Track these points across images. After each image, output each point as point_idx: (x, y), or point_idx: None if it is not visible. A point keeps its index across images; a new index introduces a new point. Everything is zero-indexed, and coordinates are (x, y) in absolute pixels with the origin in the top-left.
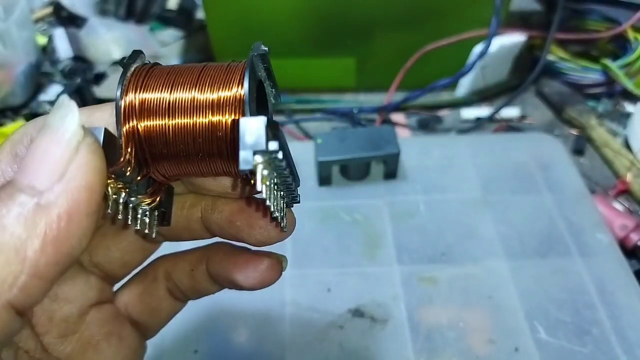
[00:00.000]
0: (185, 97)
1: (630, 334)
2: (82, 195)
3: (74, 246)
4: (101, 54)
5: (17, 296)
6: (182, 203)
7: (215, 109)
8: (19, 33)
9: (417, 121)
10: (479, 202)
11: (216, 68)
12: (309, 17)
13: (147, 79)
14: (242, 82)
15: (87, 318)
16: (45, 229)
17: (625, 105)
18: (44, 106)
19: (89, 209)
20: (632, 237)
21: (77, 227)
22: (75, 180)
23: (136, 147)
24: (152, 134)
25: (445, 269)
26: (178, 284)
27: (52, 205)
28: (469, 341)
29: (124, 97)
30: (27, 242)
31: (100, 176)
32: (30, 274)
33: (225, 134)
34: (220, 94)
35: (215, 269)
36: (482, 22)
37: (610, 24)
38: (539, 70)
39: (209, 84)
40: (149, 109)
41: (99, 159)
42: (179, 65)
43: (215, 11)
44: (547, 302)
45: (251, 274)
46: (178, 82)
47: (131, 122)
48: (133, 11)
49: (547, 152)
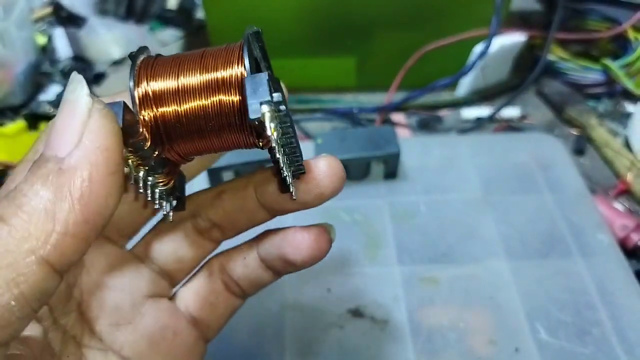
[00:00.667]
0: (192, 79)
1: (631, 334)
2: (99, 156)
3: (101, 205)
4: (101, 53)
5: (51, 253)
6: (235, 187)
7: (221, 85)
8: (18, 33)
9: (418, 121)
10: (479, 202)
11: (215, 50)
12: (309, 16)
13: (155, 68)
14: (241, 57)
15: (142, 310)
16: (70, 189)
17: (625, 105)
18: (44, 106)
19: (108, 168)
20: (633, 237)
21: (101, 186)
22: (91, 143)
23: (152, 128)
24: (166, 116)
25: (446, 270)
26: (232, 275)
27: (73, 168)
28: (470, 342)
29: (137, 87)
30: (55, 203)
31: (115, 138)
32: (62, 232)
33: (232, 105)
34: (224, 72)
35: (266, 249)
36: (482, 21)
37: (610, 24)
38: (540, 70)
39: (211, 64)
40: (160, 94)
41: (111, 121)
42: (179, 53)
43: (215, 11)
44: (548, 303)
45: (300, 244)
46: (183, 68)
47: (146, 108)
48: (133, 11)
49: (547, 152)
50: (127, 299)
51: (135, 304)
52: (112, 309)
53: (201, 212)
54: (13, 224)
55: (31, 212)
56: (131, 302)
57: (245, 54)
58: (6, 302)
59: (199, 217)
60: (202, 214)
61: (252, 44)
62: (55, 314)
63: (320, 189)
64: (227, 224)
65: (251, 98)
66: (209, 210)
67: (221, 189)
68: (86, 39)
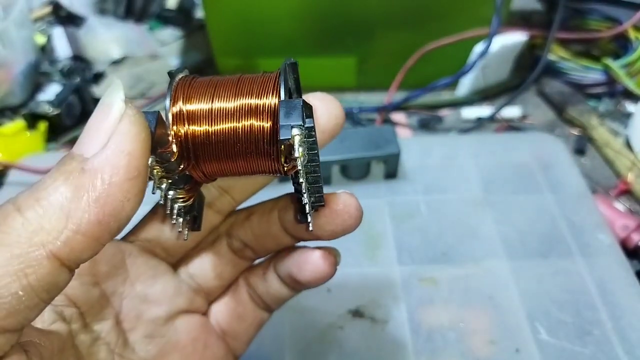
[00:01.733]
0: (227, 103)
1: (632, 334)
2: (121, 160)
3: (117, 208)
4: (100, 53)
5: (61, 249)
6: (263, 209)
7: (254, 111)
8: (17, 32)
9: (418, 121)
10: (479, 202)
11: (252, 77)
12: (309, 16)
13: (192, 88)
14: (277, 86)
15: (175, 323)
16: (88, 189)
17: (626, 105)
18: (43, 106)
19: (129, 173)
20: (634, 237)
21: (119, 190)
22: (116, 146)
23: (181, 144)
24: (197, 135)
25: (446, 270)
26: (255, 288)
27: (94, 169)
28: (470, 342)
29: (172, 104)
30: (72, 201)
31: (140, 144)
32: (74, 230)
33: (263, 132)
34: (258, 100)
35: (280, 267)
36: (482, 21)
37: (611, 24)
38: (540, 69)
39: (247, 91)
40: (194, 114)
41: (139, 128)
42: (216, 76)
43: (215, 10)
44: (548, 303)
45: (304, 265)
46: (219, 90)
47: (178, 124)
48: (132, 10)
49: (548, 152)
50: (163, 313)
51: (170, 318)
52: (149, 321)
53: (233, 232)
54: (28, 216)
55: (47, 206)
56: (167, 316)
57: (281, 83)
58: (14, 291)
59: (233, 236)
60: (234, 234)
61: (287, 75)
62: (87, 318)
63: (335, 227)
64: (256, 246)
65: (284, 120)
66: (240, 230)
67: (251, 210)
68: (85, 39)
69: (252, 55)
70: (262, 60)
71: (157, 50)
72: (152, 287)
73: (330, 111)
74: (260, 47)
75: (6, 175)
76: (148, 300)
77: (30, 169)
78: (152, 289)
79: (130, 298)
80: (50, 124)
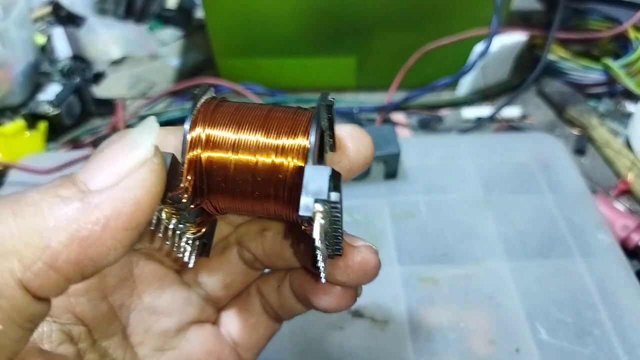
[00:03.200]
0: (251, 137)
1: (632, 334)
2: (127, 208)
3: (101, 254)
4: (100, 53)
5: (30, 279)
6: (279, 228)
7: (279, 153)
8: (17, 32)
9: (418, 121)
10: (479, 202)
11: (283, 112)
12: (308, 15)
13: (216, 114)
14: (307, 132)
15: (187, 334)
16: (78, 226)
17: (626, 105)
18: (43, 106)
19: (129, 224)
20: (633, 237)
21: (111, 237)
22: (126, 191)
23: (196, 177)
24: (214, 167)
25: (446, 270)
26: (268, 299)
27: (94, 206)
28: (470, 342)
29: (192, 130)
30: (55, 232)
31: (153, 197)
32: (47, 264)
33: (285, 178)
34: (285, 140)
35: (295, 287)
36: (483, 21)
37: (611, 24)
38: (540, 69)
39: (275, 127)
40: (214, 144)
41: (158, 181)
42: (246, 103)
43: (215, 10)
44: (548, 303)
45: (323, 296)
46: (245, 122)
47: (196, 153)
48: (132, 10)
49: (548, 152)
50: (173, 325)
51: (181, 329)
52: (159, 334)
53: (244, 243)
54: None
55: (25, 227)
56: (178, 327)
57: (312, 131)
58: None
59: (243, 247)
60: (245, 245)
61: (321, 116)
62: (95, 335)
63: (347, 280)
64: (266, 262)
65: (306, 192)
66: (251, 243)
67: (266, 225)
68: (85, 39)
69: (252, 55)
70: (262, 60)
71: (157, 50)
72: (161, 298)
73: (360, 149)
74: (260, 47)
75: (6, 175)
76: (157, 312)
77: (30, 169)
78: (161, 299)
79: (138, 310)
80: (50, 124)
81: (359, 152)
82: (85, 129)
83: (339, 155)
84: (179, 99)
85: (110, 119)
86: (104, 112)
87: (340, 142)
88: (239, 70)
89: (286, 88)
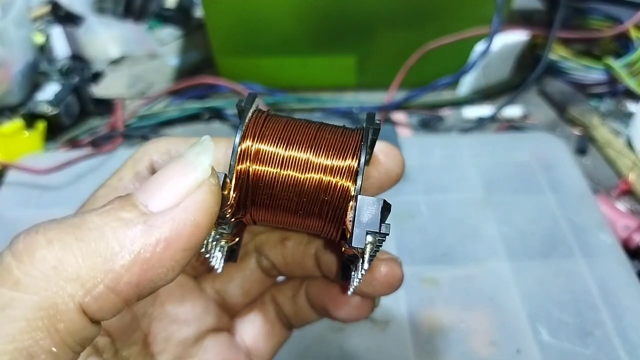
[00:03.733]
0: (300, 156)
1: (633, 335)
2: (187, 229)
3: (160, 275)
4: (99, 52)
5: (90, 303)
6: (300, 238)
7: (327, 173)
8: (16, 32)
9: (419, 120)
10: (480, 202)
11: (331, 132)
12: (308, 15)
13: (264, 129)
14: (355, 154)
15: (204, 343)
16: (140, 248)
17: (627, 104)
18: (42, 105)
19: (188, 244)
20: (635, 237)
21: (170, 258)
22: (187, 213)
23: (241, 192)
24: (260, 182)
25: (447, 270)
26: (282, 308)
27: (155, 228)
28: (471, 343)
29: (242, 143)
30: (118, 255)
31: (210, 218)
32: (109, 287)
33: (331, 198)
34: (334, 161)
35: (312, 296)
36: (483, 20)
37: (612, 23)
38: (541, 69)
39: (324, 148)
40: (263, 159)
41: (215, 201)
42: (293, 118)
43: (214, 9)
44: (550, 303)
45: (341, 306)
46: (294, 139)
47: (243, 167)
48: (131, 9)
49: (549, 151)
50: (193, 333)
51: (199, 338)
52: (179, 342)
53: (264, 251)
54: (62, 257)
55: (88, 252)
56: (196, 336)
57: (362, 156)
58: (48, 348)
59: (262, 255)
60: (264, 253)
61: (368, 138)
62: (117, 345)
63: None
64: (285, 270)
65: (359, 224)
66: (271, 251)
67: (287, 234)
68: (84, 38)
69: (251, 54)
70: (262, 59)
71: (156, 50)
72: (182, 307)
73: (393, 166)
74: (260, 46)
75: (5, 175)
76: (178, 320)
77: (28, 168)
78: (182, 308)
79: (159, 319)
80: (48, 123)
81: (392, 169)
82: (84, 129)
83: (372, 170)
84: (178, 98)
85: (109, 119)
86: (103, 112)
87: (374, 158)
88: (238, 70)
89: (286, 87)
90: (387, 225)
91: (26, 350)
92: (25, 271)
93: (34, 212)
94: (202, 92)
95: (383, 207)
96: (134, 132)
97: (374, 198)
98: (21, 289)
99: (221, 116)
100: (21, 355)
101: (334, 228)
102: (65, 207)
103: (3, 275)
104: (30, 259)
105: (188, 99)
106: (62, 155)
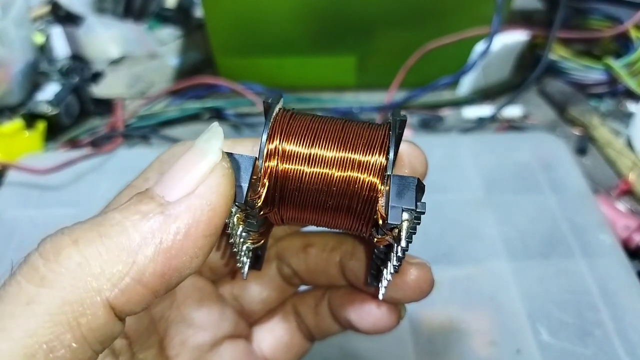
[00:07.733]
0: (327, 150)
1: (633, 335)
2: (204, 214)
3: (184, 263)
4: (99, 52)
5: (118, 297)
6: (324, 245)
7: (355, 168)
8: (16, 32)
9: (419, 120)
10: (480, 202)
11: (357, 127)
12: (308, 14)
13: (291, 126)
14: (383, 148)
15: (220, 349)
16: (161, 238)
17: (627, 104)
18: (42, 105)
19: (208, 230)
20: (635, 237)
21: (192, 245)
22: (202, 198)
23: (269, 187)
24: (289, 178)
25: (447, 270)
26: (304, 319)
27: (174, 217)
28: (471, 343)
29: (269, 141)
30: (140, 246)
31: (225, 200)
32: (135, 279)
33: (360, 192)
34: (362, 156)
35: (335, 306)
36: (483, 20)
37: (612, 23)
38: (541, 69)
39: (351, 142)
40: (290, 155)
41: (229, 184)
42: (319, 116)
43: (214, 9)
44: (550, 303)
45: (365, 316)
46: (321, 135)
47: (272, 164)
48: (131, 9)
49: (549, 151)
50: (209, 339)
51: (215, 344)
52: (194, 347)
53: (285, 258)
54: (87, 254)
55: (112, 247)
56: (212, 341)
57: (391, 147)
58: (68, 343)
59: (284, 262)
60: (285, 260)
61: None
62: (134, 348)
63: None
64: (307, 278)
65: (395, 201)
66: (293, 258)
67: (309, 241)
68: (84, 38)
69: (251, 54)
70: (262, 59)
71: (156, 50)
72: (199, 311)
73: (417, 166)
74: (260, 46)
75: (5, 175)
76: (194, 325)
77: (28, 168)
78: (199, 312)
79: (176, 323)
80: (48, 123)
81: (415, 168)
82: (84, 129)
83: (397, 171)
84: (178, 98)
85: (109, 119)
86: (103, 112)
87: (398, 158)
88: (238, 70)
89: (286, 87)
90: (422, 204)
91: (46, 344)
92: (51, 268)
93: (34, 212)
94: (202, 92)
95: (417, 185)
96: (134, 132)
97: (410, 177)
98: (47, 285)
99: (221, 116)
100: (41, 348)
101: (364, 222)
102: (65, 207)
103: (30, 272)
104: (56, 257)
105: (188, 99)
106: (62, 155)
